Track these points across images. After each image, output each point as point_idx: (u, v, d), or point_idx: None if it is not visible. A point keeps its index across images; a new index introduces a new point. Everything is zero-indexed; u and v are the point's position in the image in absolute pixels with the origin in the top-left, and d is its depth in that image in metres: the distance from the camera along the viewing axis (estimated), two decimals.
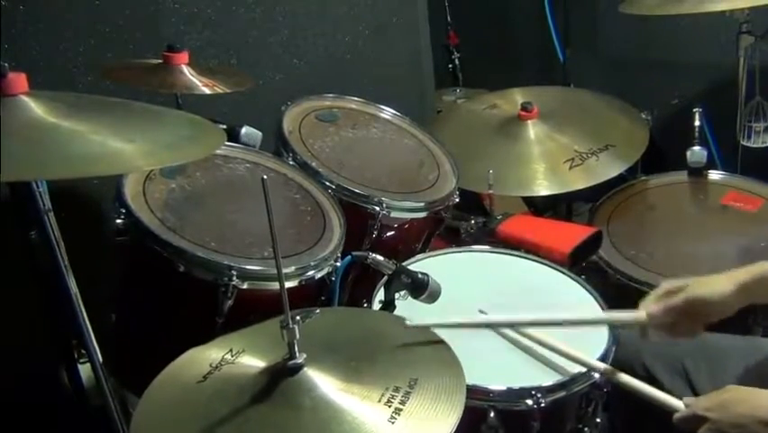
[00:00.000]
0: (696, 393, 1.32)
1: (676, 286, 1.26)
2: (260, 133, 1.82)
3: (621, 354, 1.39)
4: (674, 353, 1.41)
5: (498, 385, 1.29)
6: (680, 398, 1.21)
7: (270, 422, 1.00)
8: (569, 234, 1.83)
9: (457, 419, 0.99)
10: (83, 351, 1.31)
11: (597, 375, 1.32)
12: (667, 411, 1.20)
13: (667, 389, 1.32)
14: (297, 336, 1.05)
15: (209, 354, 1.17)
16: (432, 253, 1.73)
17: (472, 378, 1.18)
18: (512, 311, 1.48)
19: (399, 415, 0.99)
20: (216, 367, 1.13)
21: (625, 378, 1.28)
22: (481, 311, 1.48)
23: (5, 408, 1.79)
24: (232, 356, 1.15)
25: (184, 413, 1.06)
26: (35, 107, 1.11)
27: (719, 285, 1.24)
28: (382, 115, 2.11)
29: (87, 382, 1.46)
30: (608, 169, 2.11)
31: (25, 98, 1.12)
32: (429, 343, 1.18)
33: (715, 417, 1.12)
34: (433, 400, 1.02)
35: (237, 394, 1.04)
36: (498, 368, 1.35)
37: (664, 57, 2.86)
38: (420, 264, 1.64)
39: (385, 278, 1.40)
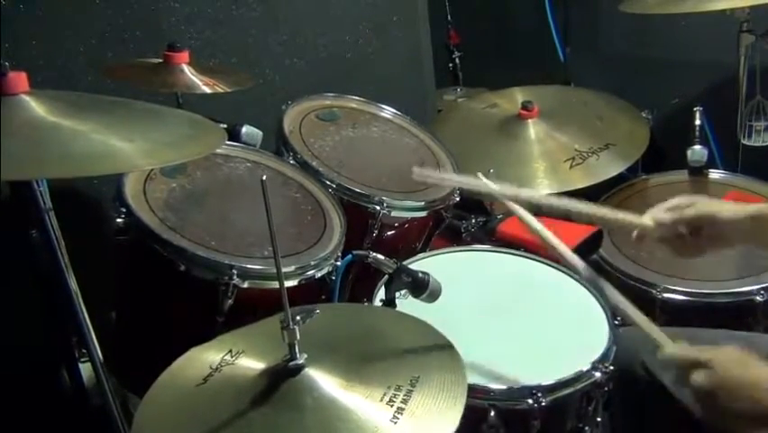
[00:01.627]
0: None
1: (687, 200, 1.26)
2: (260, 133, 1.82)
3: (621, 353, 1.38)
4: None
5: (498, 384, 1.29)
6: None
7: (273, 423, 1.00)
8: (569, 234, 1.82)
9: (459, 417, 0.99)
10: (83, 350, 1.31)
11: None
12: (669, 409, 1.19)
13: (668, 387, 1.31)
14: (298, 336, 1.04)
15: (209, 356, 1.16)
16: (432, 253, 1.73)
17: (473, 377, 1.18)
18: (512, 310, 1.48)
19: (402, 414, 0.99)
20: (216, 369, 1.12)
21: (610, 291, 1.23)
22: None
23: (5, 408, 1.79)
24: (231, 357, 1.15)
25: (185, 417, 1.05)
26: (36, 106, 1.12)
27: (731, 206, 1.23)
28: (382, 114, 2.11)
29: (88, 381, 1.46)
30: (608, 168, 2.12)
31: (26, 97, 1.12)
32: (430, 341, 1.18)
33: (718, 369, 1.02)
34: (434, 398, 1.02)
35: (238, 397, 1.04)
36: (499, 367, 1.35)
37: (665, 56, 2.86)
38: (420, 263, 1.64)
39: (386, 277, 1.40)
